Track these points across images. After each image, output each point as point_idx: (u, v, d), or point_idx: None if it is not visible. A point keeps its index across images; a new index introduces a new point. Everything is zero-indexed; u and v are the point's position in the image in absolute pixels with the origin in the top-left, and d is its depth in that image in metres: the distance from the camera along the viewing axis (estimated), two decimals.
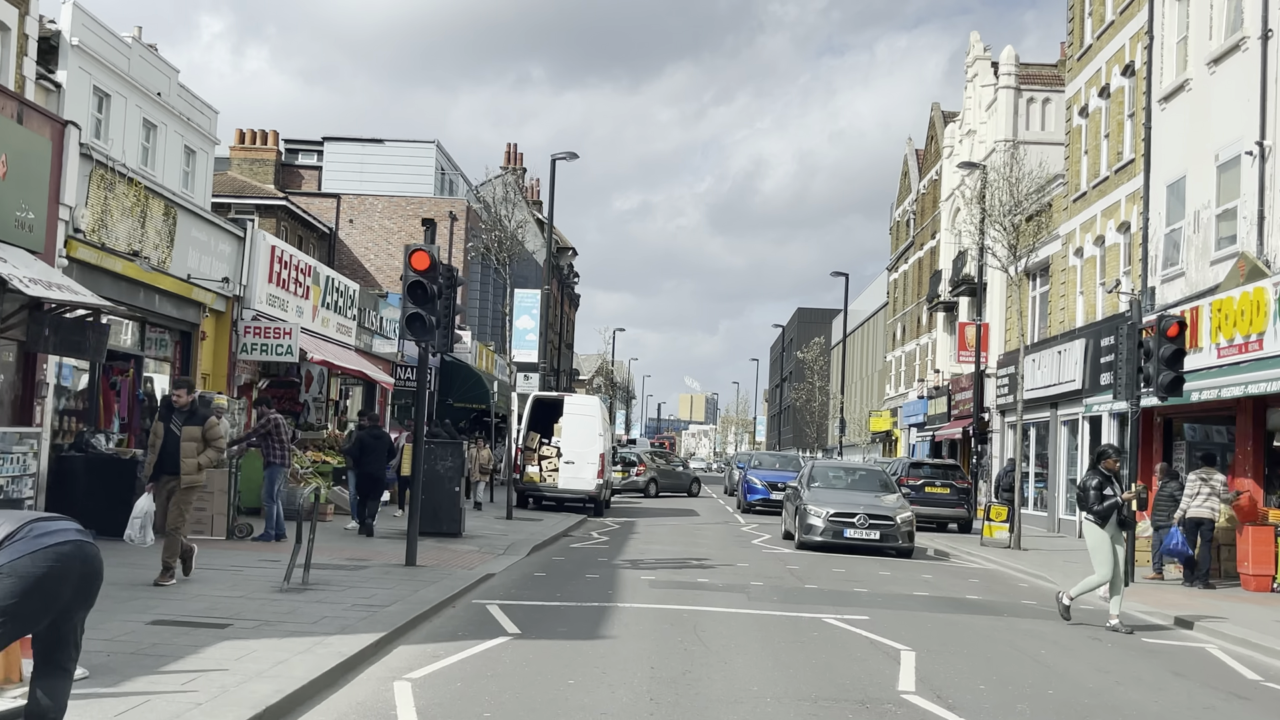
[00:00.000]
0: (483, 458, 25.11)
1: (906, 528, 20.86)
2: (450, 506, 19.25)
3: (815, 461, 23.58)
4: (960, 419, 41.71)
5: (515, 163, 66.13)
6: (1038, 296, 36.49)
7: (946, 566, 20.10)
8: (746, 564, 18.13)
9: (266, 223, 42.09)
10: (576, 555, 18.46)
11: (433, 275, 14.65)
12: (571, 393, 34.44)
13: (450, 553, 16.99)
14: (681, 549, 20.48)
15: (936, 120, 52.23)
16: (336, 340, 26.46)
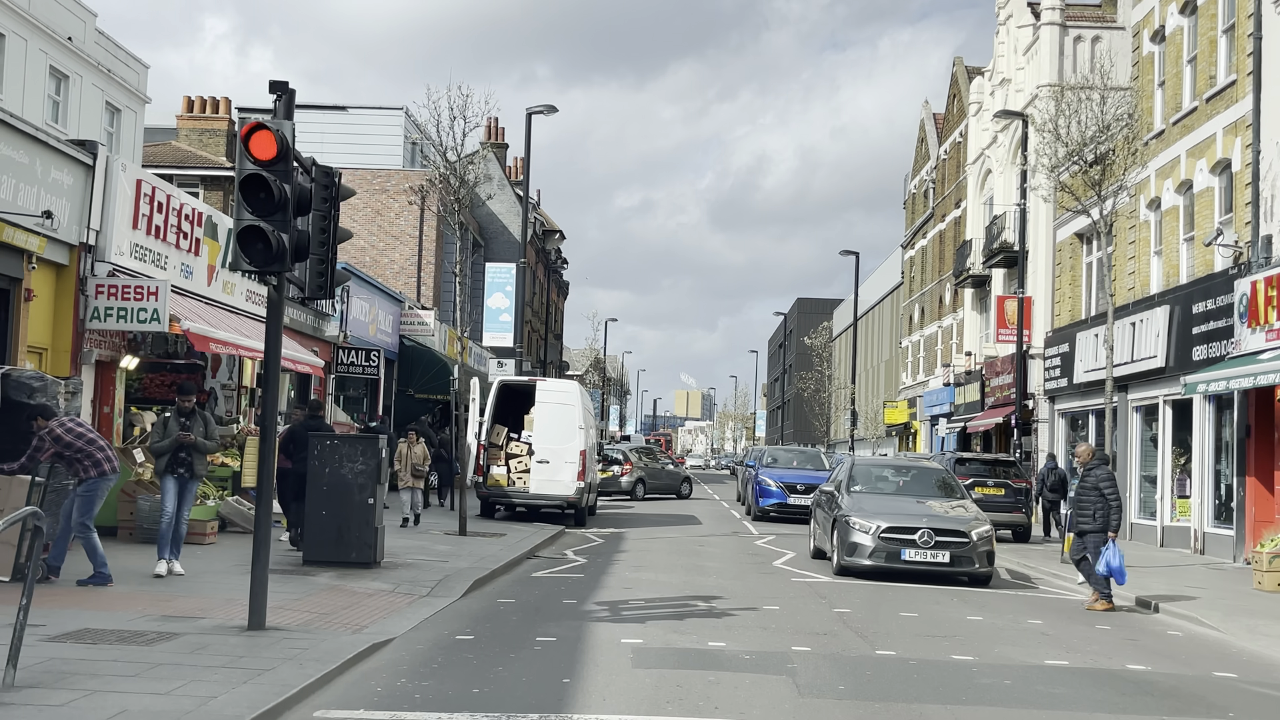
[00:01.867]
0: (416, 456, 19.85)
1: (985, 546, 15.55)
2: (360, 525, 13.89)
3: (855, 458, 18.24)
4: (997, 407, 36.39)
5: (497, 137, 60.76)
6: (1095, 262, 31.15)
7: (1048, 602, 14.74)
8: (776, 605, 12.77)
9: (213, 197, 36.86)
10: (534, 594, 13.10)
11: (283, 169, 9.34)
12: (545, 377, 29.01)
13: (343, 597, 11.65)
14: (682, 578, 15.15)
15: (960, 76, 46.91)
16: (245, 312, 21.08)
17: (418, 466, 19.31)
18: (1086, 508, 14.06)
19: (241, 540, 16.24)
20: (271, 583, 12.08)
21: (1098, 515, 13.78)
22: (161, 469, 12.31)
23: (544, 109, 33.30)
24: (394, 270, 43.78)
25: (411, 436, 19.52)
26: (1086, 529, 14.03)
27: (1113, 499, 13.67)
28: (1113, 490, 13.68)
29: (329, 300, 16.00)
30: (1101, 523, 13.76)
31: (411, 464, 19.26)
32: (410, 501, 19.44)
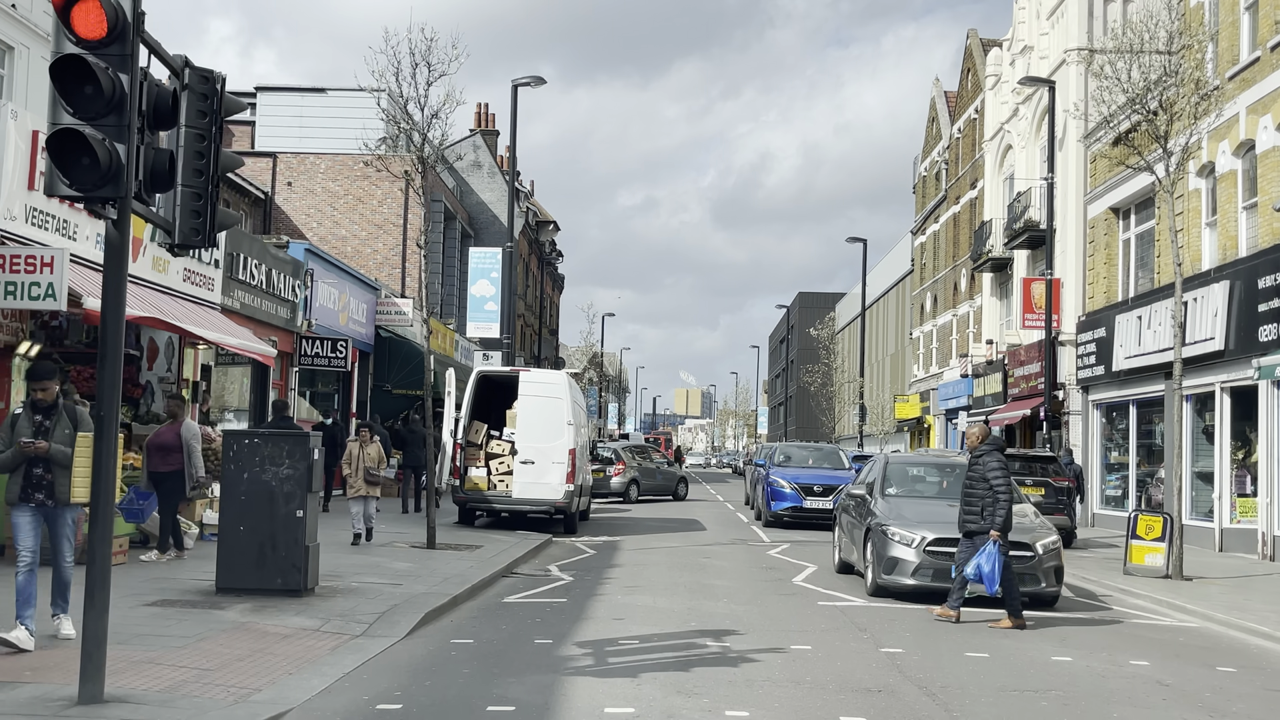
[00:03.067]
0: (369, 458, 16.62)
1: (1052, 560, 12.85)
2: (287, 544, 11.19)
3: (889, 457, 15.51)
4: (1022, 399, 33.71)
5: (487, 124, 58.06)
6: (1133, 238, 28.46)
7: (1139, 631, 12.02)
8: (805, 642, 10.07)
9: None
10: (500, 630, 10.40)
11: (118, 54, 6.67)
12: (529, 368, 26.29)
13: (248, 641, 8.96)
14: (685, 602, 12.46)
15: (975, 49, 44.21)
16: (182, 294, 18.38)
17: (371, 471, 16.28)
18: (975, 503, 11.68)
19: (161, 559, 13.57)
20: (163, 619, 9.44)
21: (986, 511, 11.50)
22: (13, 497, 8.44)
23: (531, 80, 30.71)
24: (377, 261, 41.05)
25: (364, 435, 16.65)
26: (974, 529, 11.63)
27: (1001, 491, 11.46)
28: (1001, 481, 11.47)
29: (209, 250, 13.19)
30: (989, 520, 11.46)
31: (364, 468, 16.30)
32: (362, 514, 16.35)
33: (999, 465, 11.57)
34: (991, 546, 11.36)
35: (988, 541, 11.41)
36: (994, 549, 11.35)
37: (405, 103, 16.79)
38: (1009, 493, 11.48)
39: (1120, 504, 28.45)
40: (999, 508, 11.41)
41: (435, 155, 17.26)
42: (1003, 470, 11.57)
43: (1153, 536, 16.92)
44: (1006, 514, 11.40)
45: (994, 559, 11.30)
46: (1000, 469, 11.55)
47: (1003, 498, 11.43)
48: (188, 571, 12.51)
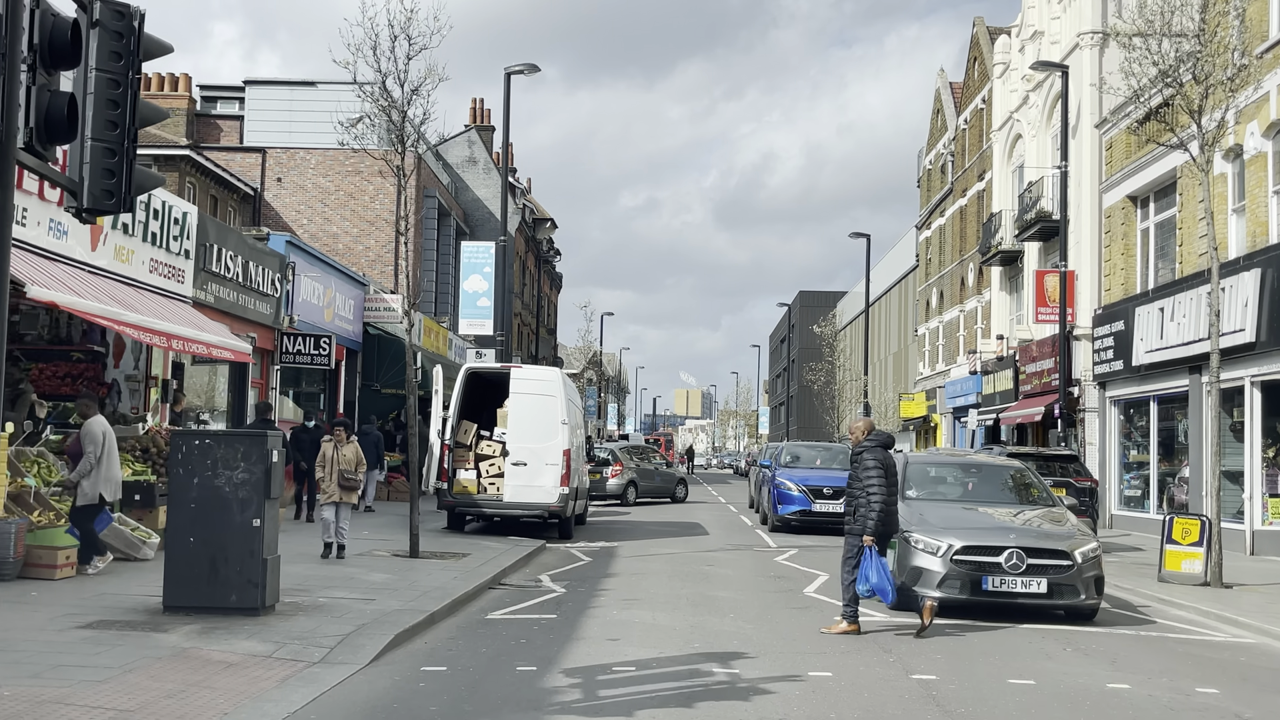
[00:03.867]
0: (345, 460, 14.88)
1: (1092, 570, 11.66)
2: (242, 556, 10.01)
3: (908, 457, 14.23)
4: (1035, 396, 32.52)
5: (482, 120, 56.88)
6: (1152, 227, 27.27)
7: (1194, 648, 10.82)
8: (825, 668, 8.88)
9: (169, 177, 32.98)
10: (478, 655, 9.21)
11: None
12: (520, 364, 25.07)
13: (185, 672, 7.79)
14: (688, 618, 11.28)
15: (981, 37, 43.02)
16: (147, 286, 17.19)
17: (347, 474, 14.72)
18: (853, 504, 10.70)
19: (116, 572, 12.39)
20: (93, 645, 8.25)
21: (859, 514, 10.65)
22: None
23: (524, 68, 29.55)
24: (369, 258, 39.90)
25: (339, 434, 15.18)
26: (855, 530, 10.73)
27: (873, 491, 10.52)
28: (874, 480, 10.54)
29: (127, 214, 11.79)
30: (860, 524, 10.60)
31: (339, 471, 14.78)
32: (335, 522, 14.68)
33: (875, 463, 10.63)
34: (871, 555, 10.47)
35: (867, 551, 10.47)
36: (874, 557, 10.45)
37: (384, 79, 15.63)
38: (882, 494, 10.50)
39: (1140, 504, 27.28)
40: (870, 510, 10.49)
41: (416, 134, 16.05)
42: (878, 468, 10.60)
43: (1190, 541, 15.74)
44: (879, 517, 10.46)
45: (879, 567, 10.40)
46: (876, 467, 10.60)
47: (875, 499, 10.49)
48: (140, 586, 11.32)
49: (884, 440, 10.98)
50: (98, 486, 12.25)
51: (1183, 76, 16.04)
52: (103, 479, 12.25)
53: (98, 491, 12.24)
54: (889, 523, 10.67)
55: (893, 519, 10.73)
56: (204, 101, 44.04)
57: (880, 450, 10.80)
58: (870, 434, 11.00)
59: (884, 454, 10.80)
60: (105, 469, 12.27)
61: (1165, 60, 16.01)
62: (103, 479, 12.25)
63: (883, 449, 10.85)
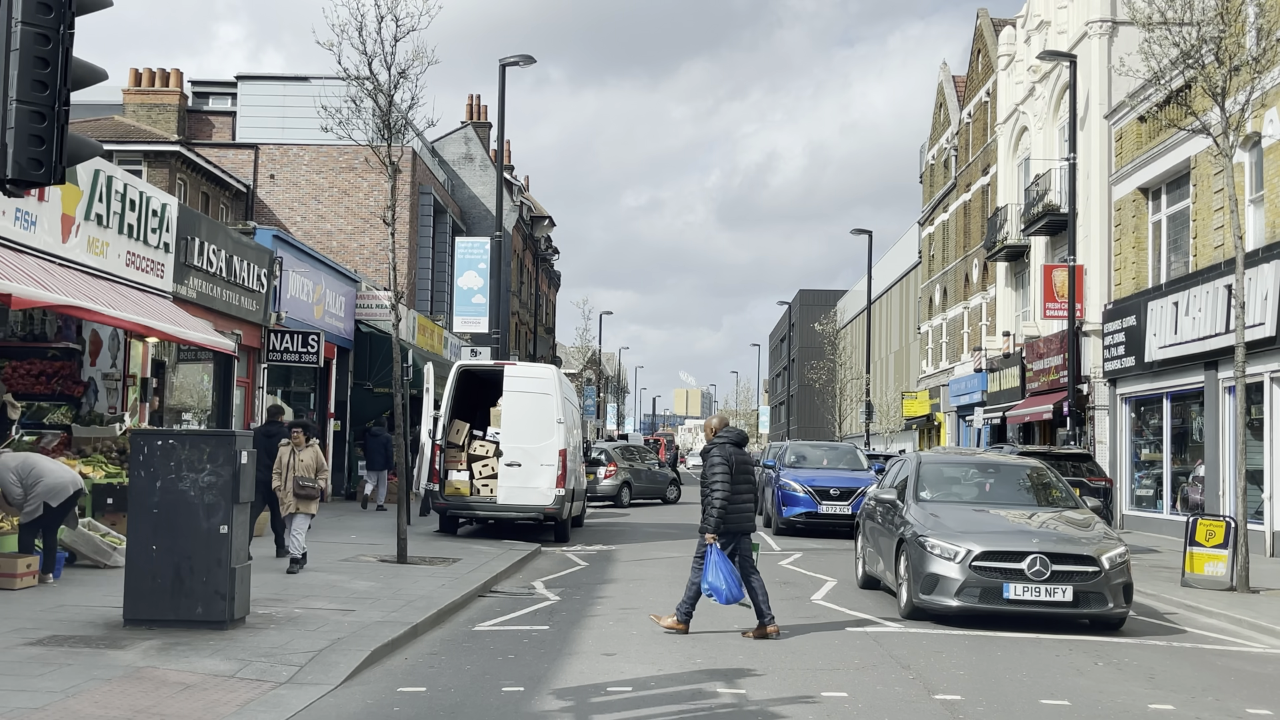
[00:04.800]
0: (303, 466, 13.14)
1: (1121, 577, 10.95)
2: (208, 565, 9.28)
3: (922, 457, 13.47)
4: (1042, 393, 31.80)
5: (479, 116, 56.16)
6: (1164, 219, 26.54)
7: (1232, 660, 10.08)
8: (840, 687, 8.15)
9: (158, 175, 32.33)
10: (461, 674, 8.49)
11: None
12: (515, 362, 24.32)
13: (135, 695, 7.08)
14: (691, 633, 10.53)
15: (985, 29, 42.30)
16: (122, 279, 16.46)
17: (304, 481, 13.07)
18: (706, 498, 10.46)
19: (81, 581, 11.67)
20: (41, 665, 7.53)
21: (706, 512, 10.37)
22: None
23: (519, 60, 28.90)
24: (364, 256, 39.21)
25: (297, 437, 13.47)
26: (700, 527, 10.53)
27: (715, 489, 10.20)
28: (719, 477, 10.21)
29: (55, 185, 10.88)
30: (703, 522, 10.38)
31: (295, 478, 13.11)
32: (294, 534, 13.19)
33: (721, 460, 10.29)
34: (714, 553, 10.13)
35: (709, 549, 10.17)
36: (716, 557, 10.10)
37: (370, 61, 14.91)
38: (725, 491, 10.15)
39: (1152, 504, 26.57)
40: (711, 507, 10.21)
41: (403, 120, 15.33)
42: (724, 465, 10.24)
43: (1214, 543, 15.03)
44: (718, 514, 10.14)
45: (720, 567, 10.05)
46: (721, 464, 10.26)
47: (717, 496, 10.18)
48: (104, 597, 10.60)
49: (735, 437, 10.59)
50: (38, 510, 11.44)
51: (1205, 58, 15.31)
52: (39, 495, 11.43)
53: (40, 504, 11.43)
54: (739, 521, 10.35)
55: (739, 517, 10.35)
56: (196, 97, 43.31)
57: (730, 447, 10.44)
58: (722, 431, 10.65)
59: (733, 451, 10.43)
60: (39, 489, 11.43)
61: (1187, 41, 15.27)
62: (39, 495, 11.43)
63: (733, 446, 10.48)
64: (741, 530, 10.43)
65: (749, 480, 10.53)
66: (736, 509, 10.32)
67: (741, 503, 10.37)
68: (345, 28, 14.77)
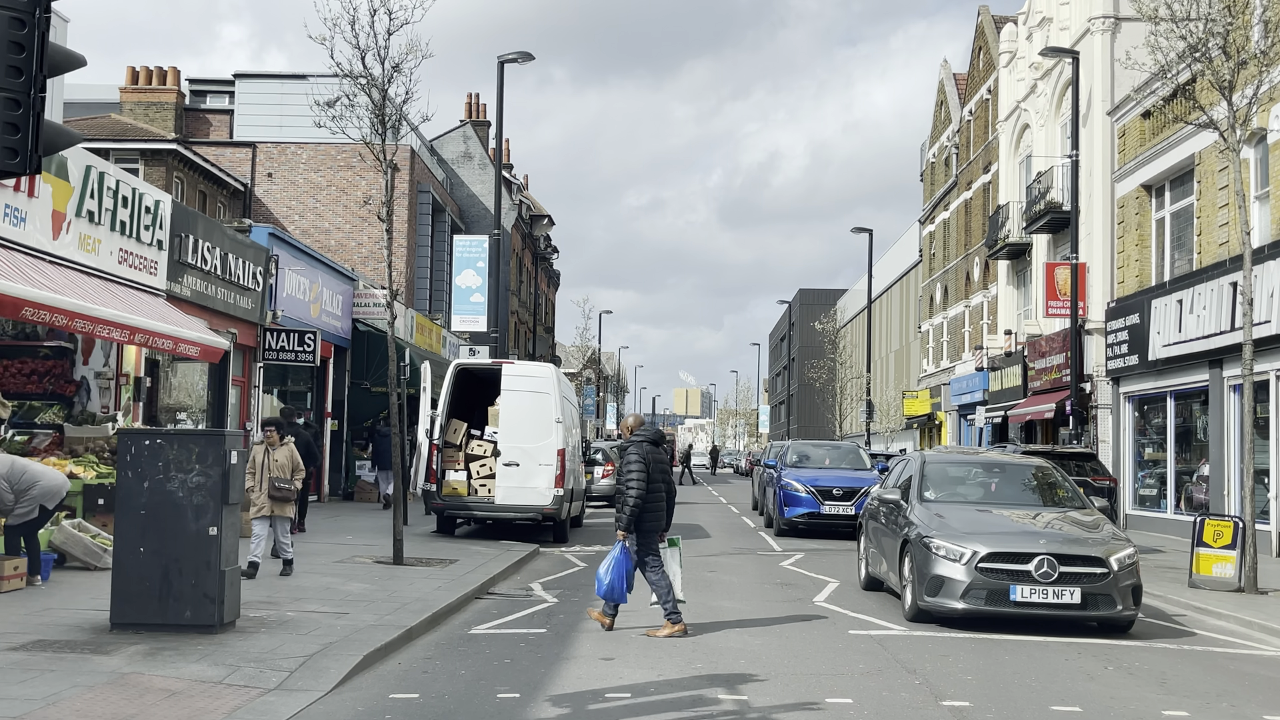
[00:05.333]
0: (278, 467, 12.49)
1: (1130, 579, 10.74)
2: (197, 568, 9.08)
3: (926, 456, 13.24)
4: (1044, 392, 31.60)
5: (478, 115, 55.95)
6: (1168, 217, 26.33)
7: (1244, 666, 9.85)
8: (845, 693, 7.94)
9: (155, 173, 32.14)
10: (455, 679, 8.28)
11: None
12: (513, 360, 24.06)
13: (118, 703, 6.88)
14: (691, 636, 10.32)
15: (986, 26, 42.08)
16: (114, 277, 16.24)
17: (280, 483, 12.40)
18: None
19: (69, 583, 11.45)
20: (22, 671, 7.33)
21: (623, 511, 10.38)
22: None
23: (518, 56, 28.66)
24: (362, 255, 39.01)
25: (270, 435, 12.78)
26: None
27: (630, 486, 10.18)
28: (634, 475, 10.18)
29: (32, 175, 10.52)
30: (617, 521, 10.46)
31: (269, 479, 12.43)
32: (266, 538, 12.66)
33: (637, 458, 10.25)
34: (617, 550, 10.18)
35: (616, 545, 10.25)
36: (619, 553, 10.15)
37: (363, 55, 14.69)
38: (639, 489, 10.12)
39: (1156, 504, 26.37)
40: (624, 505, 10.21)
41: (397, 115, 15.10)
42: (640, 463, 10.20)
43: (1222, 544, 14.81)
44: (631, 513, 10.13)
45: (616, 566, 10.10)
46: (638, 462, 10.22)
47: (630, 494, 10.15)
48: (92, 600, 10.38)
49: (651, 436, 10.57)
50: (33, 511, 11.23)
51: (1212, 51, 15.08)
52: (35, 498, 11.22)
53: (35, 506, 11.23)
54: (655, 519, 10.36)
55: (654, 516, 10.36)
56: (193, 96, 43.09)
57: (646, 446, 10.42)
58: (639, 430, 10.65)
59: (650, 450, 10.39)
60: (35, 493, 11.22)
61: (1194, 35, 15.05)
62: (35, 498, 11.22)
63: (650, 445, 10.44)
64: (656, 529, 10.44)
65: (665, 480, 10.53)
66: (653, 509, 10.32)
67: (656, 503, 10.37)
68: (337, 21, 14.56)
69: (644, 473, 10.19)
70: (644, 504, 10.22)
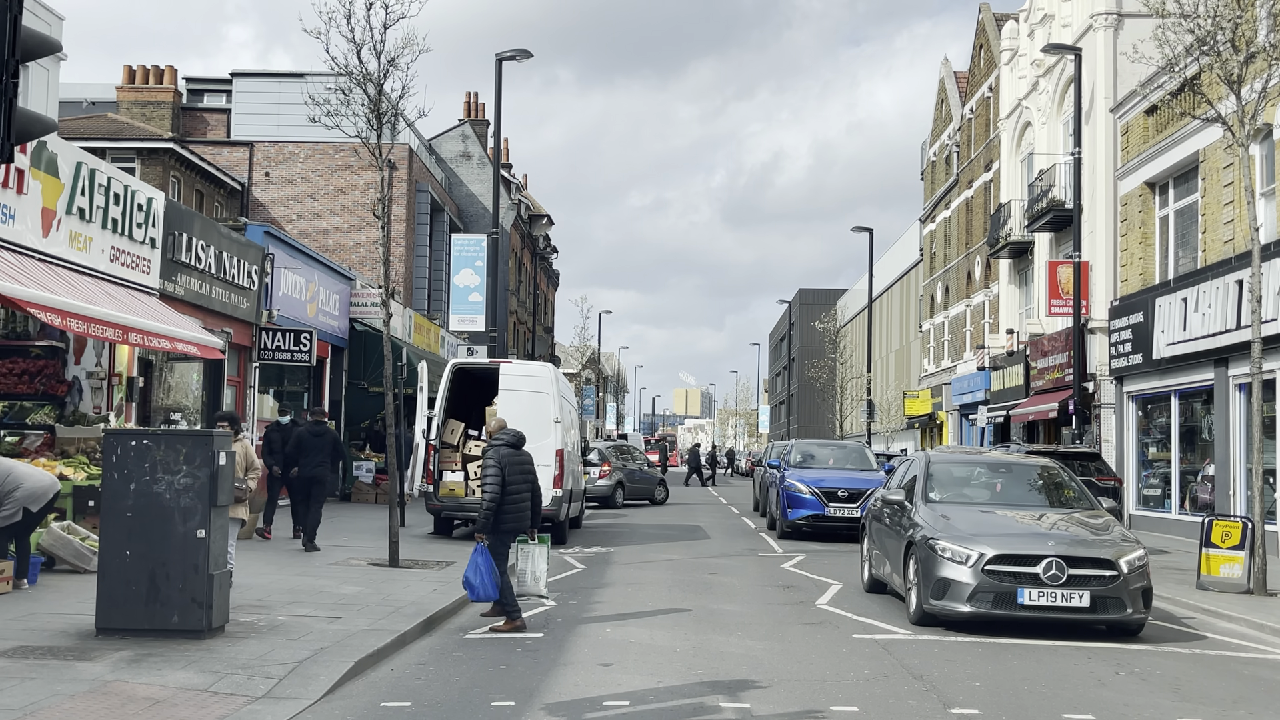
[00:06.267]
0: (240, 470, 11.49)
1: (1140, 581, 10.51)
2: (185, 572, 8.85)
3: (931, 456, 12.99)
4: (1047, 392, 31.38)
5: (477, 114, 55.74)
6: (1171, 214, 26.11)
7: (1258, 671, 9.61)
8: (850, 702, 7.70)
9: (151, 172, 31.90)
10: (449, 686, 8.06)
11: None
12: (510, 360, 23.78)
13: (100, 708, 6.67)
14: (690, 638, 10.11)
15: (987, 23, 41.84)
16: (106, 275, 16.02)
17: (234, 483, 10.99)
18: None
19: (57, 587, 11.23)
20: (6, 676, 7.13)
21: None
22: None
23: (515, 54, 28.42)
24: (360, 255, 38.78)
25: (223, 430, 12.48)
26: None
27: (487, 488, 10.40)
28: (491, 477, 10.41)
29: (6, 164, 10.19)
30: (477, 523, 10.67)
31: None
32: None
33: (494, 461, 10.48)
34: (477, 552, 10.23)
35: (476, 546, 10.30)
36: (479, 554, 10.20)
37: (358, 49, 14.46)
38: (495, 491, 10.33)
39: (1160, 504, 26.14)
40: (482, 506, 10.42)
41: (393, 110, 14.87)
42: (495, 468, 10.40)
43: (1230, 544, 14.58)
44: (485, 513, 10.36)
45: (481, 565, 10.15)
46: (494, 465, 10.44)
47: (487, 495, 10.37)
48: (79, 604, 10.14)
49: (511, 440, 10.73)
50: (16, 514, 10.98)
51: (1220, 45, 14.84)
52: (18, 500, 10.96)
53: (19, 509, 10.97)
54: (514, 521, 10.57)
55: (513, 518, 10.57)
56: (190, 95, 42.86)
57: (506, 449, 10.60)
58: (499, 433, 10.83)
59: (508, 453, 10.57)
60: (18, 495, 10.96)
61: (1202, 28, 14.80)
62: (18, 500, 10.96)
63: (508, 448, 10.63)
64: (517, 529, 10.68)
65: (525, 482, 10.71)
66: (512, 509, 10.49)
67: (515, 503, 10.55)
68: (333, 15, 14.32)
69: (500, 476, 10.37)
70: (501, 506, 10.40)
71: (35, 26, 25.79)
